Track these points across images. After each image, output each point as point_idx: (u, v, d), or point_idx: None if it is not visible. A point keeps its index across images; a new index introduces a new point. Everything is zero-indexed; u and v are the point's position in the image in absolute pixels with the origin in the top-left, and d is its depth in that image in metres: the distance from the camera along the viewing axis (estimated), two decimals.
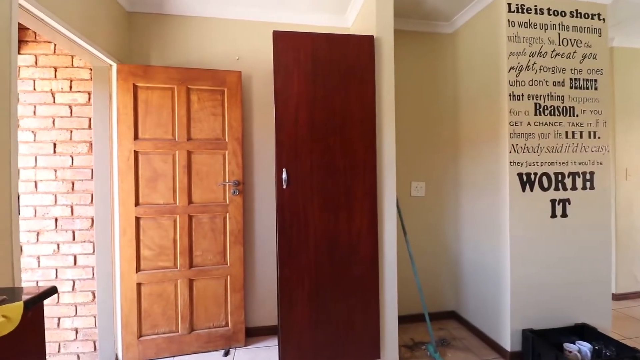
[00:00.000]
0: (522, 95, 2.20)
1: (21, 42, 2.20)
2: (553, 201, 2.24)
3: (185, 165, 2.27)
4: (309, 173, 1.89)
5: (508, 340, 2.18)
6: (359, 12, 2.38)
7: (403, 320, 2.59)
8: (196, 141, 2.29)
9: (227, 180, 2.34)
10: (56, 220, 2.21)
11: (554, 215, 2.24)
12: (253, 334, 2.51)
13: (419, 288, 2.32)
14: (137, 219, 2.21)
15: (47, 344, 2.20)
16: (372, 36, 1.97)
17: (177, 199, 2.26)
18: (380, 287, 2.03)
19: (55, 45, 2.21)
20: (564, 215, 2.26)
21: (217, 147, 2.32)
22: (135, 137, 2.20)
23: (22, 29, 2.16)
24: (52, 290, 1.11)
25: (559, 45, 2.27)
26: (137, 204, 2.21)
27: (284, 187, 1.86)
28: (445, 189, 2.84)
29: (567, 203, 2.26)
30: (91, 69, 2.21)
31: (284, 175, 1.86)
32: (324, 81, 1.90)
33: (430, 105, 2.82)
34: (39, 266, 2.19)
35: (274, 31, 1.85)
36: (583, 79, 2.29)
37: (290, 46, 1.86)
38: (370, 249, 1.98)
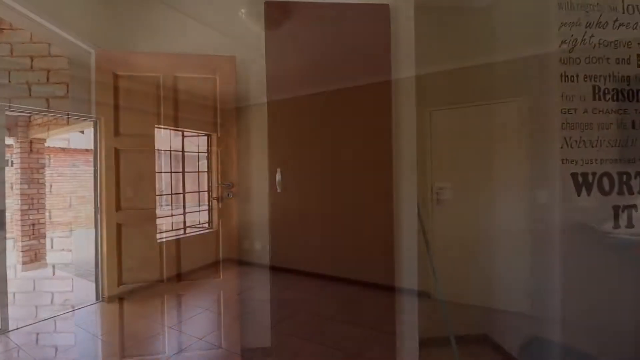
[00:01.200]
0: (577, 75, 1.77)
1: None
2: (616, 208, 1.80)
3: (172, 164, 2.01)
4: (308, 174, 1.56)
5: None
6: None
7: (425, 343, 2.22)
8: (184, 138, 2.02)
9: (219, 182, 2.06)
10: (33, 225, 2.00)
11: (617, 226, 1.80)
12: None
13: (443, 308, 1.95)
14: (119, 225, 1.96)
15: None
16: (387, 5, 1.62)
17: (163, 202, 2.00)
18: (398, 306, 1.70)
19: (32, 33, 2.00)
20: (630, 225, 1.81)
21: (209, 143, 2.04)
22: (116, 133, 1.95)
23: None
24: None
25: (623, 13, 1.83)
26: (118, 208, 1.96)
27: (279, 190, 1.55)
28: (477, 192, 2.43)
29: (633, 210, 1.82)
30: (69, 58, 1.98)
31: (278, 177, 1.54)
32: (326, 60, 1.56)
33: (459, 91, 2.42)
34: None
35: (265, 2, 1.53)
36: None
37: (285, 19, 1.54)
38: (383, 267, 1.65)
